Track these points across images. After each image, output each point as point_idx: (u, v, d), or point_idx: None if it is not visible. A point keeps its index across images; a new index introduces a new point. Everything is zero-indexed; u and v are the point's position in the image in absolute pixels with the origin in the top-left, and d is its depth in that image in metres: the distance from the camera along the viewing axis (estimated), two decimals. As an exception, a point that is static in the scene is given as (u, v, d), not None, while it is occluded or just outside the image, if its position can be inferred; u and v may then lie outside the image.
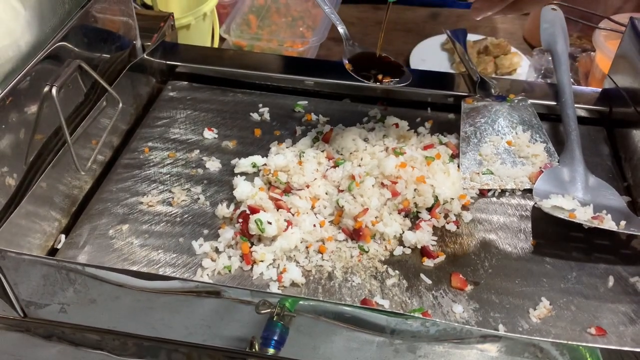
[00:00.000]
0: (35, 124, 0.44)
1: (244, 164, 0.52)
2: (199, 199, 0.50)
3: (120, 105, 0.51)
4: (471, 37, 0.85)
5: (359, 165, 0.50)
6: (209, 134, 0.56)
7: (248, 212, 0.46)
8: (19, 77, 0.41)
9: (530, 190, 0.50)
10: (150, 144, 0.55)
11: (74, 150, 0.45)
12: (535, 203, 0.48)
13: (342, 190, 0.49)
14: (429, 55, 0.83)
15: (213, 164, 0.53)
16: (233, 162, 0.53)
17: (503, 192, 0.51)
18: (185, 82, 0.63)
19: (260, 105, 0.60)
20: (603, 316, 0.42)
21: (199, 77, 0.63)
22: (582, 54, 0.77)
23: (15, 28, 0.42)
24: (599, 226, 0.45)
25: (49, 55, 0.44)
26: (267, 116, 0.59)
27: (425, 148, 0.52)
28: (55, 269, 0.38)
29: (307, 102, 0.60)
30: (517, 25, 0.93)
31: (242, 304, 0.37)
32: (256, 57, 0.68)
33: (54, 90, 0.43)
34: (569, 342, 0.34)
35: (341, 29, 0.53)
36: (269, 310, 0.38)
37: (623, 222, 0.46)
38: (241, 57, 0.67)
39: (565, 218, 0.45)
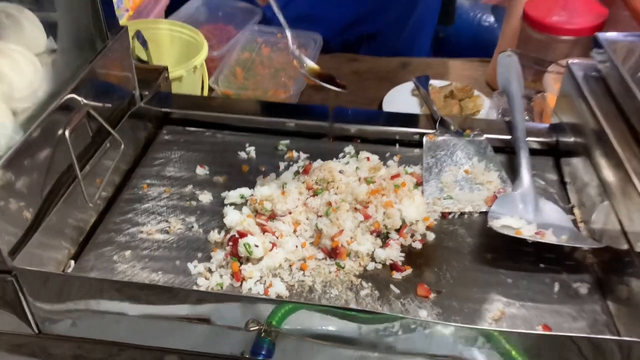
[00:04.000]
0: (50, 162, 0.50)
1: (233, 195, 0.59)
2: (193, 227, 0.56)
3: (122, 146, 0.58)
4: (438, 83, 0.94)
5: (335, 194, 0.57)
6: (201, 171, 0.63)
7: (237, 236, 0.52)
8: (38, 121, 0.48)
9: (486, 212, 0.57)
10: (148, 181, 0.62)
11: (83, 185, 0.51)
12: (489, 224, 0.54)
13: (320, 216, 0.55)
14: (400, 100, 0.91)
15: (205, 197, 0.60)
16: (223, 194, 0.60)
17: (462, 214, 0.58)
18: (179, 127, 0.70)
19: (247, 144, 0.67)
20: (549, 316, 0.48)
21: (191, 122, 0.70)
22: (536, 95, 0.86)
23: (35, 81, 0.49)
24: (540, 240, 0.52)
25: (62, 104, 0.51)
26: (253, 154, 0.66)
27: (393, 177, 0.59)
28: (69, 282, 0.44)
29: (288, 141, 0.67)
30: (479, 72, 1.03)
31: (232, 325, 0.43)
32: (242, 102, 0.76)
33: (67, 133, 0.50)
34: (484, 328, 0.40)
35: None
36: (257, 327, 0.44)
37: (565, 237, 0.53)
38: (228, 103, 0.75)
39: (512, 235, 0.52)
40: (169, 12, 1.08)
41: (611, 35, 0.62)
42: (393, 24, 1.09)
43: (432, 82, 0.89)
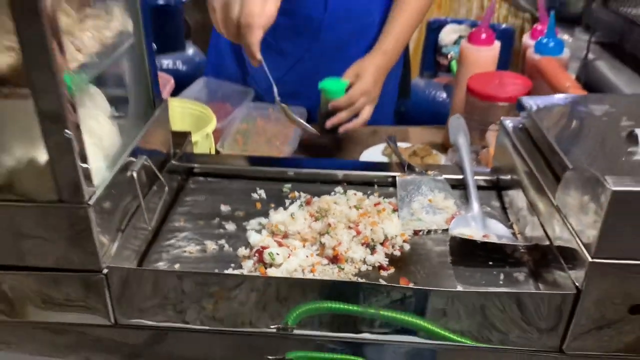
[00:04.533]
0: (124, 194, 0.67)
1: (253, 223, 0.76)
2: (224, 247, 0.72)
3: (166, 188, 0.75)
4: (403, 145, 1.15)
5: (333, 218, 0.75)
6: (224, 208, 0.80)
7: (262, 249, 0.69)
8: (118, 165, 0.65)
9: (447, 230, 0.75)
10: (184, 217, 0.78)
11: (145, 212, 0.68)
12: (450, 235, 0.73)
13: (322, 234, 0.73)
14: (373, 158, 1.12)
15: (230, 226, 0.76)
16: (244, 223, 0.77)
17: (429, 231, 0.76)
18: (202, 178, 0.88)
19: (258, 188, 0.84)
20: (497, 295, 0.66)
21: (211, 174, 0.88)
22: (482, 150, 1.07)
23: (113, 136, 0.67)
24: (486, 240, 0.70)
25: (130, 153, 0.68)
26: (263, 195, 0.83)
27: (375, 205, 0.78)
28: (150, 277, 0.60)
29: (290, 185, 0.85)
30: (436, 136, 1.25)
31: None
32: (250, 157, 0.95)
33: (134, 174, 0.67)
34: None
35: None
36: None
37: (505, 240, 0.71)
38: (239, 158, 0.93)
39: (466, 237, 0.70)
40: (173, 95, 1.28)
41: (530, 98, 0.83)
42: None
43: (398, 144, 1.10)
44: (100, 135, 0.63)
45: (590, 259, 0.55)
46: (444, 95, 1.52)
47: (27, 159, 0.58)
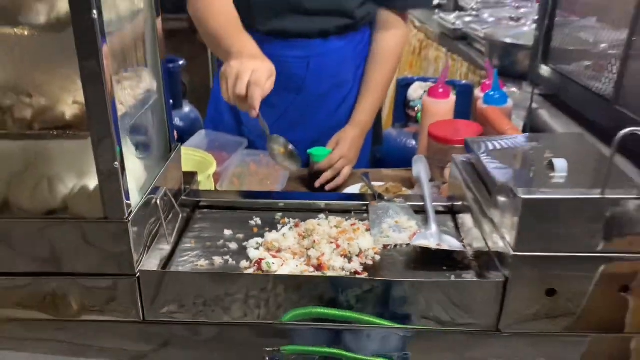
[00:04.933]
0: (149, 216, 0.83)
1: (251, 242, 0.92)
2: (229, 261, 0.89)
3: (180, 216, 0.92)
4: (378, 183, 1.34)
5: (317, 235, 0.92)
6: (227, 232, 0.97)
7: (260, 260, 0.86)
8: (146, 194, 0.82)
9: (410, 244, 0.93)
10: (194, 239, 0.95)
11: (166, 231, 0.85)
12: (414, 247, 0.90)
13: (309, 248, 0.90)
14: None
15: (233, 246, 0.93)
16: (244, 243, 0.93)
17: (395, 245, 0.93)
18: (207, 210, 1.05)
19: (254, 217, 1.01)
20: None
21: (215, 207, 1.05)
22: (442, 185, 1.26)
23: (141, 172, 0.84)
24: (440, 248, 0.88)
25: (154, 185, 0.86)
26: (259, 222, 1.00)
27: (352, 225, 0.95)
28: (177, 279, 0.76)
29: (281, 213, 1.03)
30: (406, 175, 1.44)
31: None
32: (247, 192, 1.12)
33: (158, 201, 0.84)
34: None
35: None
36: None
37: (456, 248, 0.89)
38: (238, 193, 1.11)
39: (424, 245, 0.88)
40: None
41: (474, 139, 1.03)
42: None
43: (373, 183, 1.29)
44: (132, 169, 0.81)
45: (512, 253, 0.73)
46: (413, 142, 1.72)
47: (79, 187, 0.75)
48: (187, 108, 2.21)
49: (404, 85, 1.81)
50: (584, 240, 0.72)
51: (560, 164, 0.80)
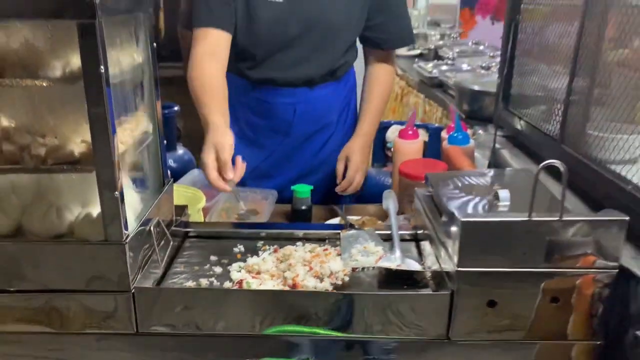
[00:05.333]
0: (144, 241, 0.95)
1: (234, 266, 1.04)
2: (213, 282, 1.00)
3: (171, 243, 1.04)
4: (355, 217, 1.46)
5: (293, 259, 1.03)
6: (213, 258, 1.08)
7: (241, 280, 0.97)
8: (141, 222, 0.94)
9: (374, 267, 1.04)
10: (183, 264, 1.06)
11: (159, 255, 0.96)
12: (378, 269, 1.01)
13: (285, 271, 1.01)
14: (329, 226, 1.42)
15: (218, 269, 1.04)
16: (228, 267, 1.04)
17: (363, 268, 1.05)
18: (195, 239, 1.16)
19: (238, 244, 1.13)
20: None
21: (202, 236, 1.17)
22: (412, 217, 1.38)
23: (137, 203, 0.97)
24: (400, 268, 0.99)
25: (148, 214, 0.98)
26: (242, 249, 1.12)
27: (324, 250, 1.07)
28: (169, 295, 0.87)
29: (263, 241, 1.14)
30: (382, 211, 1.56)
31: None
32: (232, 223, 1.24)
33: (152, 228, 0.96)
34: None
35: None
36: None
37: (415, 269, 1.00)
38: (224, 224, 1.22)
39: (387, 266, 0.99)
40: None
41: (433, 174, 1.16)
42: (325, 180, 1.64)
43: (353, 217, 1.41)
44: (130, 200, 0.93)
45: (456, 269, 0.85)
46: (391, 180, 1.85)
47: (84, 214, 0.87)
48: (180, 150, 2.34)
49: (382, 128, 1.95)
50: (517, 258, 0.84)
51: (504, 194, 0.93)
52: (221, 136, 1.23)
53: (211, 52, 1.43)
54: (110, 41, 0.79)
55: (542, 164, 0.82)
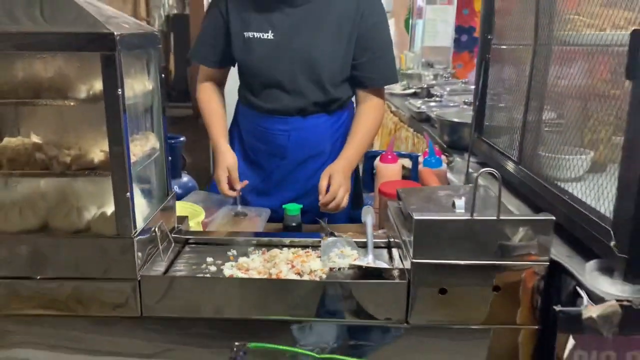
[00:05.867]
0: (150, 241, 1.11)
1: (227, 265, 1.19)
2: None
3: (173, 245, 1.20)
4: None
5: (278, 259, 1.19)
6: (209, 259, 1.23)
7: (231, 275, 1.12)
8: (146, 224, 1.10)
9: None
10: (182, 265, 1.22)
11: (162, 252, 1.12)
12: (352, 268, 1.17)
13: (270, 268, 1.17)
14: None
15: (212, 268, 1.19)
16: (222, 267, 1.20)
17: (340, 268, 1.20)
18: (194, 245, 1.32)
19: (231, 249, 1.29)
20: (374, 297, 1.09)
21: (200, 243, 1.33)
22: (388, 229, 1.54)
23: (144, 207, 1.13)
24: (368, 265, 1.14)
25: (160, 220, 1.14)
26: (235, 253, 1.27)
27: (305, 252, 1.23)
28: (170, 282, 1.03)
29: (253, 247, 1.30)
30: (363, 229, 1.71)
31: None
32: (227, 232, 1.40)
33: (157, 230, 1.12)
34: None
35: None
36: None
37: (383, 268, 1.16)
38: (219, 233, 1.38)
39: (358, 264, 1.15)
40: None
41: (403, 189, 1.32)
42: (317, 204, 1.80)
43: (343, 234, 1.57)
44: (138, 203, 1.10)
45: (411, 261, 1.01)
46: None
47: (100, 213, 1.04)
48: (185, 178, 2.53)
49: (370, 157, 2.12)
50: (463, 252, 1.00)
51: (460, 203, 1.09)
52: (230, 159, 1.65)
53: (210, 83, 1.80)
54: (127, 70, 0.97)
55: (480, 171, 0.98)
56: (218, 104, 1.79)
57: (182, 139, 2.48)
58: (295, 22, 1.65)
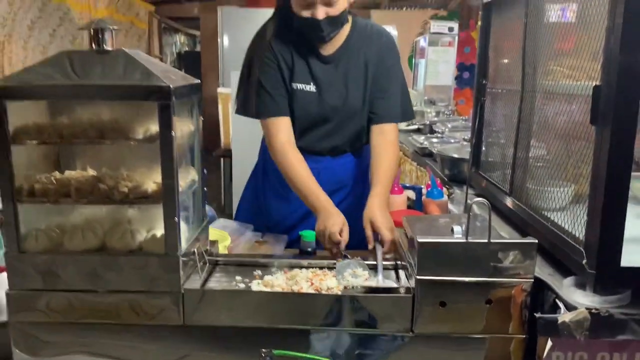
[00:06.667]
0: (189, 262, 1.29)
1: (254, 283, 1.37)
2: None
3: (207, 265, 1.37)
4: (350, 258, 1.79)
5: (298, 277, 1.36)
6: (238, 277, 1.41)
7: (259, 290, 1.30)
8: (189, 244, 1.28)
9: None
10: (215, 283, 1.39)
11: (200, 270, 1.30)
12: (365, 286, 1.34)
13: (292, 285, 1.34)
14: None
15: (241, 285, 1.37)
16: (249, 284, 1.37)
17: (353, 287, 1.37)
18: (224, 266, 1.50)
19: (257, 269, 1.46)
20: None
21: (230, 264, 1.50)
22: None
23: (185, 232, 1.31)
24: (379, 286, 1.31)
25: (193, 242, 1.32)
26: (260, 272, 1.45)
27: (322, 272, 1.40)
28: (211, 295, 1.20)
29: (276, 268, 1.48)
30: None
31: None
32: (252, 255, 1.57)
33: (196, 250, 1.30)
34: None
35: None
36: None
37: (391, 287, 1.33)
38: (246, 255, 1.56)
39: (369, 284, 1.32)
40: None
41: (408, 217, 1.50)
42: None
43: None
44: (182, 228, 1.28)
45: (416, 277, 1.18)
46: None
47: (150, 235, 1.22)
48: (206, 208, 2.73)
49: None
50: (460, 270, 1.17)
51: (457, 229, 1.27)
52: (342, 222, 1.61)
53: (289, 140, 1.80)
54: (177, 115, 1.17)
55: (473, 200, 1.16)
56: (307, 165, 1.80)
57: (205, 172, 2.67)
58: (331, 74, 1.86)
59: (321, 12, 1.67)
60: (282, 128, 1.81)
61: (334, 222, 1.59)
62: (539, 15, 1.47)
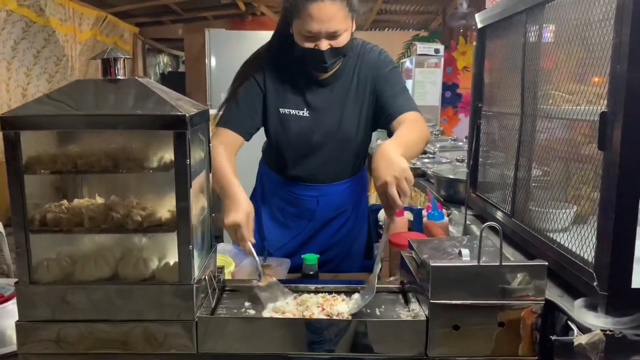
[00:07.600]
0: (205, 286, 1.28)
1: (270, 306, 1.37)
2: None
3: (217, 291, 1.37)
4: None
5: (309, 303, 1.37)
6: (247, 303, 1.41)
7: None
8: (202, 269, 1.28)
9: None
10: (225, 308, 1.39)
11: (211, 295, 1.29)
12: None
13: (303, 311, 1.34)
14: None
15: (251, 311, 1.37)
16: (260, 309, 1.37)
17: (361, 311, 1.38)
18: (230, 292, 1.49)
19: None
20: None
21: (235, 290, 1.50)
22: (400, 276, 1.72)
23: (197, 259, 1.31)
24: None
25: (206, 267, 1.32)
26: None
27: (332, 296, 1.41)
28: (220, 322, 1.20)
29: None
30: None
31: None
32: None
33: (206, 277, 1.30)
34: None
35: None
36: None
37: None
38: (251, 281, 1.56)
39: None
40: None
41: (414, 240, 1.52)
42: (337, 257, 1.99)
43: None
44: (194, 254, 1.28)
45: (430, 301, 1.19)
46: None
47: (164, 263, 1.22)
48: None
49: (374, 210, 2.33)
50: (472, 293, 1.19)
51: (465, 252, 1.29)
52: (250, 206, 1.54)
53: (226, 148, 1.72)
54: (191, 143, 1.17)
55: (484, 225, 1.19)
56: (231, 161, 1.72)
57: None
58: (326, 99, 1.87)
59: (325, 45, 1.70)
60: (229, 139, 1.77)
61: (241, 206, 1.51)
62: (538, 38, 1.51)
